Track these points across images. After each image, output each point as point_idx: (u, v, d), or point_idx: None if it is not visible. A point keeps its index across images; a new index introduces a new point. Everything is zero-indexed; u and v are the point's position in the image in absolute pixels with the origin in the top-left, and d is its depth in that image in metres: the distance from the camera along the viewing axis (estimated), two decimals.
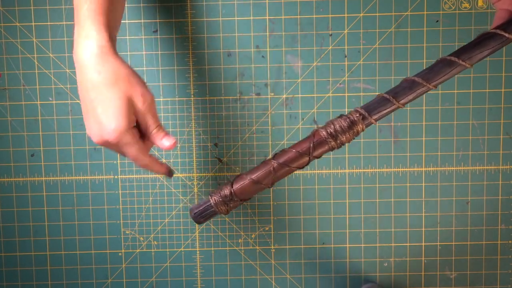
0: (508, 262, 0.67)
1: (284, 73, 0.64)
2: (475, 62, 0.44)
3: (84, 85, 0.43)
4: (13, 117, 0.65)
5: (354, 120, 0.44)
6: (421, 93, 0.44)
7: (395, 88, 0.45)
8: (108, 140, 0.43)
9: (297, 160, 0.45)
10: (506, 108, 0.65)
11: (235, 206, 0.47)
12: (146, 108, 0.43)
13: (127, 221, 0.67)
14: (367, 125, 0.45)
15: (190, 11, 0.64)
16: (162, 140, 0.44)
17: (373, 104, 0.45)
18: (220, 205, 0.46)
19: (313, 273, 0.67)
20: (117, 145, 0.43)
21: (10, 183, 0.66)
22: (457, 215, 0.66)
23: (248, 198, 0.47)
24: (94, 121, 0.43)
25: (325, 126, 0.45)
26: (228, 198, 0.46)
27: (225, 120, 0.65)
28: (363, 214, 0.67)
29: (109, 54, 0.43)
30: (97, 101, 0.42)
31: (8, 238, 0.67)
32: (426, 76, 0.44)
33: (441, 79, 0.44)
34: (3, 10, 0.63)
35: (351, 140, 0.45)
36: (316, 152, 0.45)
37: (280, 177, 0.46)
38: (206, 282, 0.68)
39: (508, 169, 0.66)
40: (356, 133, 0.45)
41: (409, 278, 0.67)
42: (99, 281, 0.68)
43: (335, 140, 0.45)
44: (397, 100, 0.44)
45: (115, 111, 0.42)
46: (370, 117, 0.44)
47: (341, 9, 0.63)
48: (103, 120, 0.42)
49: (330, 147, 0.45)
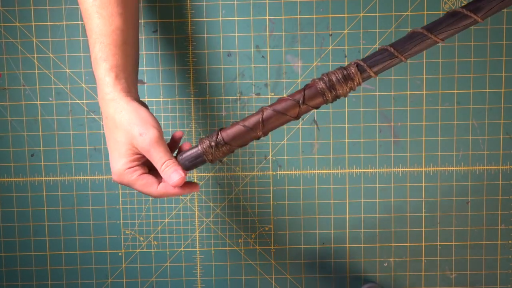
0: (508, 262, 0.67)
1: (284, 73, 0.64)
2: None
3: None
4: (13, 117, 0.65)
5: (352, 73, 0.44)
6: (424, 47, 0.43)
7: (396, 42, 0.44)
8: (114, 180, 0.47)
9: (290, 109, 0.45)
10: (506, 108, 0.65)
11: (224, 153, 0.46)
12: (147, 147, 0.45)
13: (127, 221, 0.67)
14: (366, 78, 0.44)
15: (190, 11, 0.64)
16: (171, 176, 0.45)
17: (373, 57, 0.44)
18: (208, 151, 0.46)
19: (313, 273, 0.67)
20: (123, 184, 0.47)
21: (10, 183, 0.66)
22: (457, 215, 0.66)
23: (238, 146, 0.46)
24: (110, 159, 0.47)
25: (321, 76, 0.45)
26: (216, 143, 0.45)
27: (225, 120, 0.65)
28: (363, 214, 0.67)
29: (112, 100, 0.46)
30: (107, 144, 0.47)
31: (8, 238, 0.67)
32: (429, 27, 0.43)
33: (446, 31, 0.42)
34: (3, 10, 0.63)
35: (347, 94, 0.45)
36: (310, 102, 0.45)
37: (272, 126, 0.45)
38: (206, 282, 0.68)
39: (508, 169, 0.66)
40: (352, 86, 0.44)
41: (409, 278, 0.67)
42: (99, 281, 0.68)
43: (330, 91, 0.44)
44: (399, 52, 0.43)
45: (115, 154, 0.45)
46: (369, 69, 0.43)
47: (341, 9, 0.63)
48: (110, 162, 0.47)
49: (325, 100, 0.45)
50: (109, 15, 0.47)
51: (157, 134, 0.45)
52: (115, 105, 0.46)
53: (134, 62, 0.50)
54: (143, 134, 0.44)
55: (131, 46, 0.49)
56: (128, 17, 0.49)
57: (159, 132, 0.46)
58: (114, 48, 0.47)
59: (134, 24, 0.50)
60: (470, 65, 0.64)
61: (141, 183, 0.46)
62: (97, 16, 0.47)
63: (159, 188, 0.46)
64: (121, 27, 0.47)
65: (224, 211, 0.67)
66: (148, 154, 0.45)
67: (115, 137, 0.45)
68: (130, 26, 0.49)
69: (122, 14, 0.48)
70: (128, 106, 0.46)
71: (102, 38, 0.47)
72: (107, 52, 0.46)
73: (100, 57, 0.46)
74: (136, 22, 0.51)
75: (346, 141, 0.65)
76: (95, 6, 0.47)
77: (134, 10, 0.50)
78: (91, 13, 0.47)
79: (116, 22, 0.47)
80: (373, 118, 0.65)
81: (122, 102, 0.46)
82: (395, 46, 0.44)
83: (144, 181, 0.46)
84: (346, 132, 0.65)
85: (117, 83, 0.46)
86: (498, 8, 0.42)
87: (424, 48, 0.43)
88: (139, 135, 0.44)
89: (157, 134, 0.45)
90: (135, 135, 0.45)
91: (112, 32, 0.47)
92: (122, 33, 0.47)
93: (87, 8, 0.47)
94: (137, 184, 0.46)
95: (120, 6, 0.48)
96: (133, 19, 0.50)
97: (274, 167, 0.66)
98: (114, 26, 0.47)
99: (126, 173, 0.45)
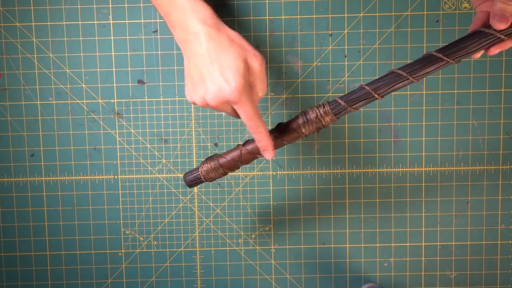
0: (508, 262, 0.67)
1: (284, 73, 0.64)
2: (459, 61, 0.45)
3: (198, 53, 0.46)
4: (13, 117, 0.65)
5: (323, 113, 0.48)
6: (400, 87, 0.46)
7: (376, 80, 0.47)
8: (230, 99, 0.45)
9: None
10: (506, 108, 0.65)
11: (223, 174, 0.52)
12: (259, 69, 0.46)
13: (127, 221, 0.67)
14: (344, 114, 0.48)
15: None
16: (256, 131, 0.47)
17: (350, 95, 0.47)
18: (208, 174, 0.52)
19: (313, 273, 0.67)
20: (237, 103, 0.45)
21: (10, 183, 0.66)
22: (457, 215, 0.66)
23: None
24: (212, 84, 0.45)
25: (300, 114, 0.49)
26: (215, 169, 0.52)
27: (225, 120, 0.65)
28: (363, 214, 0.67)
29: (219, 23, 0.47)
30: (214, 65, 0.45)
31: (8, 238, 0.67)
32: (409, 68, 0.45)
33: (425, 72, 0.45)
34: (3, 10, 0.63)
35: (319, 130, 0.49)
36: (287, 138, 0.49)
37: (247, 163, 0.51)
38: (206, 282, 0.68)
39: (508, 169, 0.66)
40: (323, 125, 0.48)
41: (409, 278, 0.67)
42: (99, 281, 0.68)
43: (304, 128, 0.48)
44: (376, 92, 0.46)
45: (234, 71, 0.44)
46: (349, 107, 0.47)
47: (341, 9, 0.63)
48: (223, 80, 0.45)
49: (300, 135, 0.49)
50: None
51: (264, 60, 0.47)
52: (221, 26, 0.47)
53: None
54: (257, 55, 0.46)
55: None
56: None
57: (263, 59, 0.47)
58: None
59: None
60: (470, 65, 0.64)
61: (256, 107, 0.47)
62: None
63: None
64: None
65: (224, 211, 0.67)
66: (255, 78, 0.46)
67: (230, 54, 0.45)
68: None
69: None
70: (233, 31, 0.47)
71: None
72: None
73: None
74: None
75: (346, 141, 0.65)
76: None
77: None
78: None
79: None
80: (373, 118, 0.65)
81: (227, 26, 0.47)
82: (372, 86, 0.46)
83: (257, 107, 0.47)
84: (346, 132, 0.65)
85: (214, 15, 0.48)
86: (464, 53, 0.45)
87: (401, 87, 0.46)
88: (254, 56, 0.46)
89: (264, 60, 0.47)
90: (250, 55, 0.46)
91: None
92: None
93: None
94: (252, 105, 0.46)
95: None
96: None
97: (274, 167, 0.66)
98: None
99: (248, 90, 0.45)
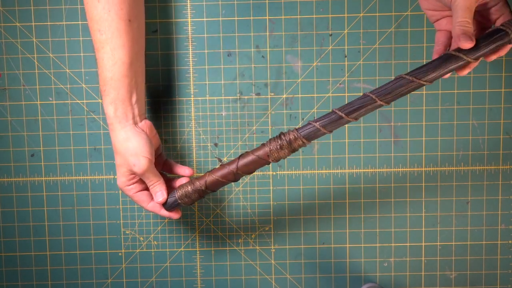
0: (508, 262, 0.67)
1: (284, 73, 0.64)
2: (433, 81, 0.46)
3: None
4: (13, 117, 0.65)
5: (291, 139, 0.51)
6: (373, 109, 0.48)
7: (348, 104, 0.48)
8: (119, 186, 0.57)
9: (228, 175, 0.53)
10: (506, 108, 0.65)
11: (199, 197, 0.55)
12: (140, 174, 0.54)
13: (127, 221, 0.67)
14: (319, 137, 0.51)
15: (190, 11, 0.64)
16: (156, 195, 0.56)
17: (323, 118, 0.50)
18: (184, 199, 0.55)
19: (313, 273, 0.67)
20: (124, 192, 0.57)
21: (10, 183, 0.66)
22: (457, 215, 0.66)
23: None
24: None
25: (268, 142, 0.51)
26: (191, 193, 0.55)
27: (225, 120, 0.65)
28: (363, 214, 0.67)
29: (113, 130, 0.54)
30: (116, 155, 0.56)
31: (8, 238, 0.67)
32: (377, 92, 0.47)
33: (396, 95, 0.47)
34: (3, 10, 0.63)
35: (287, 156, 0.52)
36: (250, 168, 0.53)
37: (216, 189, 0.55)
38: (206, 282, 0.68)
39: (508, 169, 0.66)
40: (292, 150, 0.51)
41: (409, 278, 0.67)
42: (99, 281, 0.68)
43: (272, 156, 0.52)
44: (348, 116, 0.48)
45: (119, 171, 0.55)
46: (307, 140, 0.50)
47: (341, 9, 0.63)
48: (117, 172, 0.56)
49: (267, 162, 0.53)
50: (112, 49, 0.52)
51: (147, 164, 0.53)
52: (115, 134, 0.54)
53: (136, 90, 0.55)
54: (135, 165, 0.53)
55: (133, 76, 0.54)
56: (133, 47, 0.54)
57: (149, 160, 0.53)
58: (114, 81, 0.52)
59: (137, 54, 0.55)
60: None
61: (136, 199, 0.56)
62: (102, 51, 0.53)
63: (149, 206, 0.57)
64: (122, 59, 0.53)
65: (224, 211, 0.67)
66: (142, 178, 0.55)
67: (117, 160, 0.55)
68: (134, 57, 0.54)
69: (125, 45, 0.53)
70: (126, 134, 0.53)
71: (104, 73, 0.53)
72: (108, 85, 0.53)
73: (104, 90, 0.53)
74: (141, 50, 0.56)
75: (346, 141, 0.65)
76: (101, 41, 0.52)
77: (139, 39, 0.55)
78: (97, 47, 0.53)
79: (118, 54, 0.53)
80: (373, 118, 0.65)
81: (122, 132, 0.53)
82: (344, 111, 0.48)
83: (138, 198, 0.56)
84: (346, 132, 0.65)
85: (116, 115, 0.53)
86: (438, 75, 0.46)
87: (372, 110, 0.48)
88: (133, 165, 0.53)
89: (147, 164, 0.53)
90: (130, 164, 0.53)
91: (113, 65, 0.52)
92: (124, 65, 0.53)
93: (95, 41, 0.53)
94: (134, 199, 0.57)
95: (124, 37, 0.52)
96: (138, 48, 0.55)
97: (274, 167, 0.66)
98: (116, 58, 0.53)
99: (125, 189, 0.56)
